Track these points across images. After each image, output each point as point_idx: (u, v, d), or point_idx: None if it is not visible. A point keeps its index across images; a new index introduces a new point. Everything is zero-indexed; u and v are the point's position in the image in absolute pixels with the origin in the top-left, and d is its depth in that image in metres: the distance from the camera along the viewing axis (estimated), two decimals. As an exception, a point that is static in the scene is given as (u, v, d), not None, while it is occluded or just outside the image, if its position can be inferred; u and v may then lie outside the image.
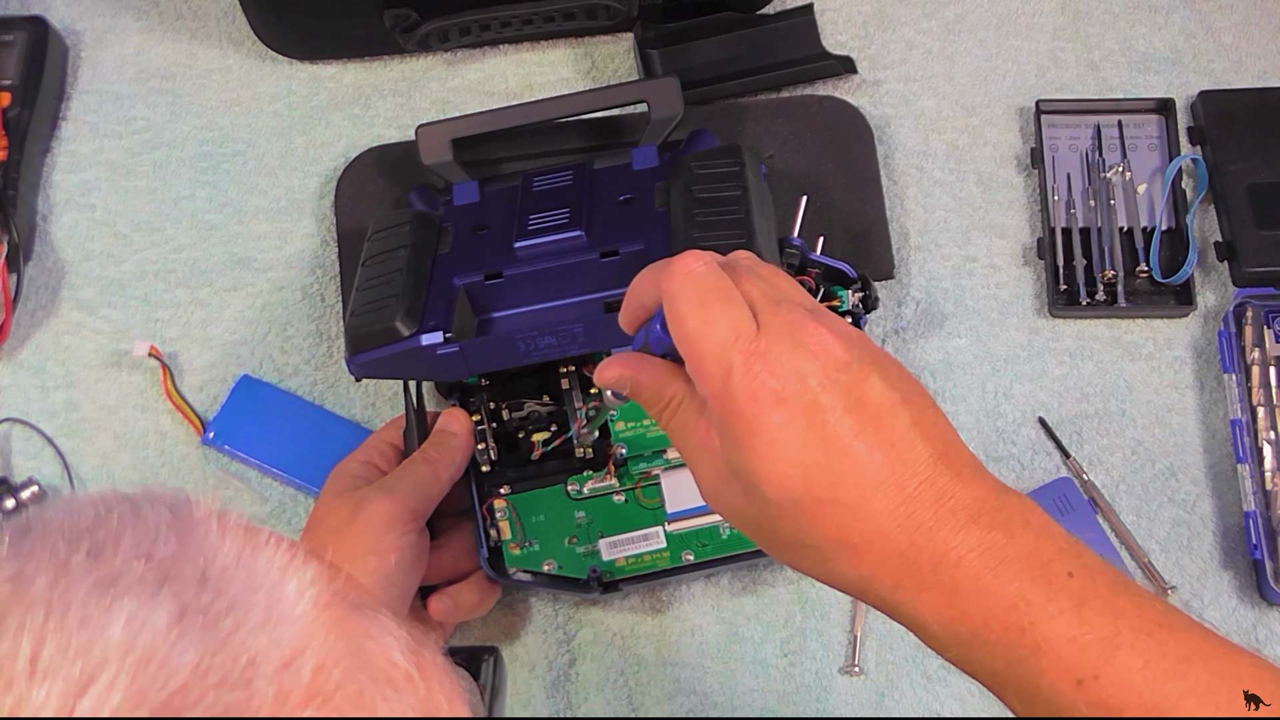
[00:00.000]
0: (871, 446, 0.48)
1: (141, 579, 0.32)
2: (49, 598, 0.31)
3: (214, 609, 0.32)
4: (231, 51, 0.91)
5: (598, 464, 0.74)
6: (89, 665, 0.30)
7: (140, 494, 0.37)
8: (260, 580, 0.34)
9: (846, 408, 0.48)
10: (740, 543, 0.73)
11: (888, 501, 0.47)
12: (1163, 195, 0.84)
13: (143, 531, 0.34)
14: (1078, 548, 0.48)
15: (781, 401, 0.48)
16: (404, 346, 0.69)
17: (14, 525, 0.35)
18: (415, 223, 0.76)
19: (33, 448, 0.80)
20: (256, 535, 0.36)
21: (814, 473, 0.48)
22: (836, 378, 0.48)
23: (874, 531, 0.48)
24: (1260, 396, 0.77)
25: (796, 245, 0.77)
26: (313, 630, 0.33)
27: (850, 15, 0.91)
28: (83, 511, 0.35)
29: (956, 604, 0.47)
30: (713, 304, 0.50)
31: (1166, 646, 0.46)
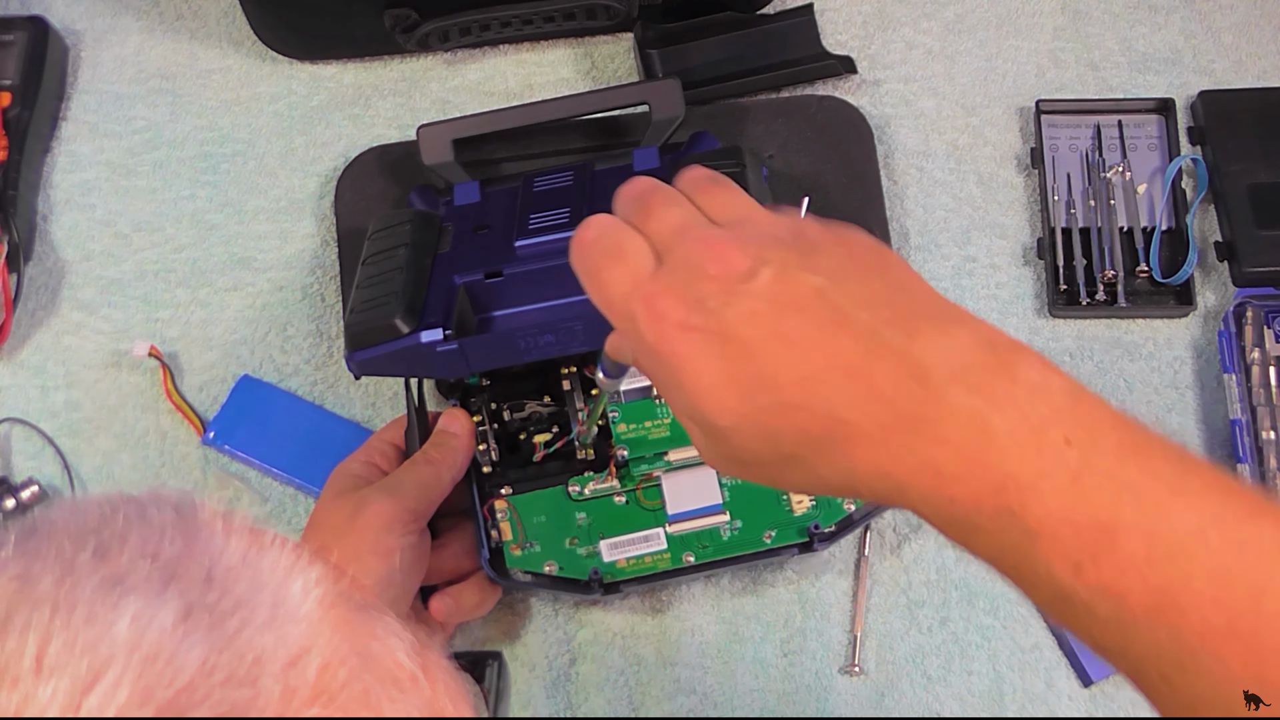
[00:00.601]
0: (799, 338, 0.44)
1: (148, 578, 0.32)
2: (55, 596, 0.31)
3: (220, 608, 0.32)
4: (231, 51, 0.91)
5: (599, 465, 0.74)
6: (95, 662, 0.30)
7: (146, 495, 0.37)
8: (266, 580, 0.34)
9: (758, 312, 0.45)
10: (741, 544, 0.73)
11: (833, 384, 0.44)
12: (1163, 195, 0.84)
13: (148, 532, 0.34)
14: (1079, 404, 0.43)
15: (689, 330, 0.45)
16: (404, 343, 0.69)
17: (20, 525, 0.35)
18: (416, 222, 0.76)
19: (33, 448, 0.80)
20: (261, 536, 0.36)
21: (749, 384, 0.45)
22: (740, 288, 0.45)
23: (835, 420, 0.44)
24: (1260, 396, 0.77)
25: None
26: (318, 630, 0.33)
27: (850, 15, 0.91)
28: (88, 512, 0.35)
29: (942, 487, 0.43)
30: (603, 266, 0.49)
31: (1176, 519, 0.41)
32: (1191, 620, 0.40)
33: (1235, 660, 0.40)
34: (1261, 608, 0.40)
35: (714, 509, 0.73)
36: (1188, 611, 0.40)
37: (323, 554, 0.37)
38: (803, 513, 0.73)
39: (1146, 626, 0.41)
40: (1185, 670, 0.41)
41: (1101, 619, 0.42)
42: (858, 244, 0.48)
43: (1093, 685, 0.73)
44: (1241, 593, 0.40)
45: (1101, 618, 0.42)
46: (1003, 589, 0.76)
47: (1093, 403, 0.43)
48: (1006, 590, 0.76)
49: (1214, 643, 0.40)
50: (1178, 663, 0.41)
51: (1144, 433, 0.43)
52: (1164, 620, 0.40)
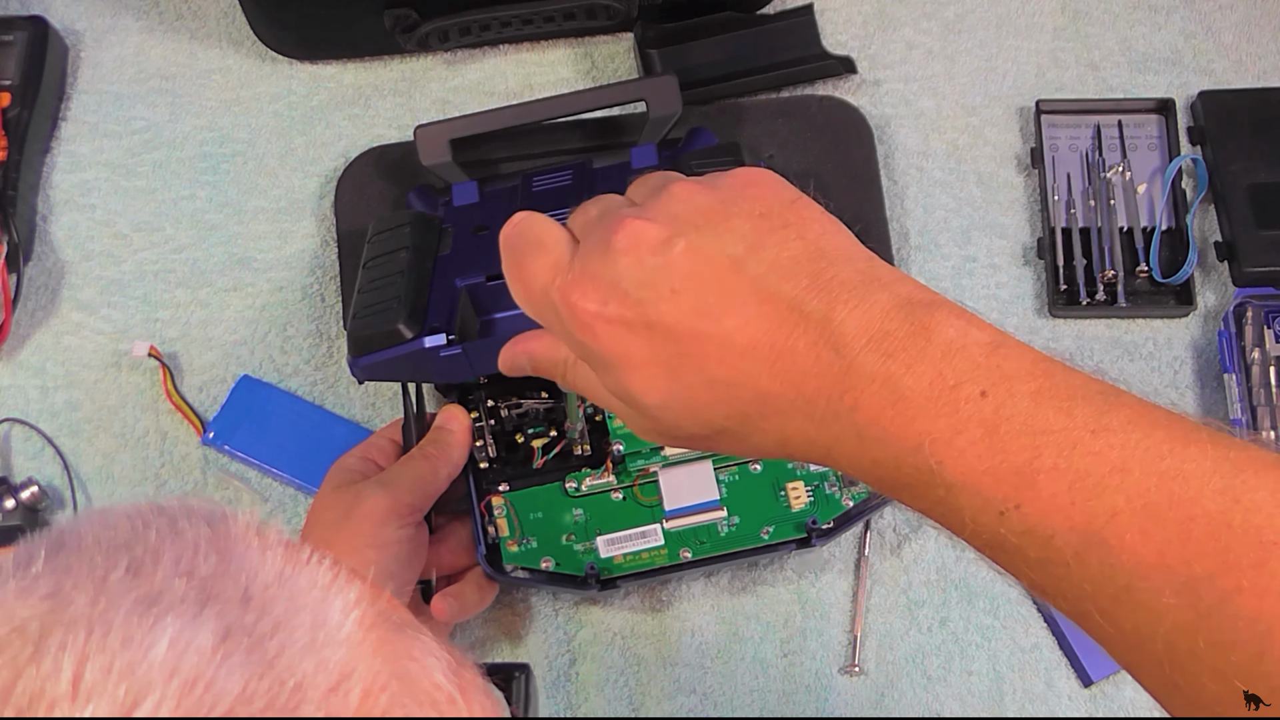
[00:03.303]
0: (720, 314, 0.45)
1: (184, 598, 0.32)
2: (90, 616, 0.31)
3: (258, 630, 0.32)
4: (231, 51, 0.91)
5: (595, 461, 0.74)
6: (134, 687, 0.29)
7: (176, 506, 0.36)
8: (304, 600, 0.33)
9: (676, 290, 0.45)
10: (739, 540, 0.73)
11: (758, 359, 0.44)
12: (1163, 195, 0.84)
13: (182, 547, 0.34)
14: (996, 355, 0.43)
15: (605, 317, 0.46)
16: (407, 349, 0.69)
17: (48, 539, 0.34)
18: (416, 224, 0.76)
19: (33, 448, 0.80)
20: (297, 552, 0.35)
21: (674, 364, 0.45)
22: (652, 263, 0.45)
23: (760, 394, 0.45)
24: (1260, 396, 0.77)
25: None
26: (359, 653, 0.33)
27: (850, 15, 0.91)
28: (118, 525, 0.34)
29: (865, 450, 0.43)
30: (524, 258, 0.49)
31: (1097, 457, 0.41)
32: (1120, 555, 0.40)
33: (1168, 590, 0.40)
34: (1189, 534, 0.39)
35: (711, 505, 0.74)
36: (1114, 546, 0.40)
37: (359, 571, 0.36)
38: (800, 508, 0.73)
39: (1078, 565, 0.41)
40: (1121, 604, 0.40)
41: (1034, 561, 0.42)
42: (775, 200, 0.48)
43: (1093, 685, 0.73)
44: (1170, 523, 0.40)
45: (1034, 560, 0.42)
46: (1003, 589, 0.76)
47: (1012, 352, 0.43)
48: (1006, 590, 0.76)
49: (1145, 574, 0.40)
50: (1113, 597, 0.41)
51: (1065, 375, 0.43)
52: (1094, 558, 0.40)
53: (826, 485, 0.74)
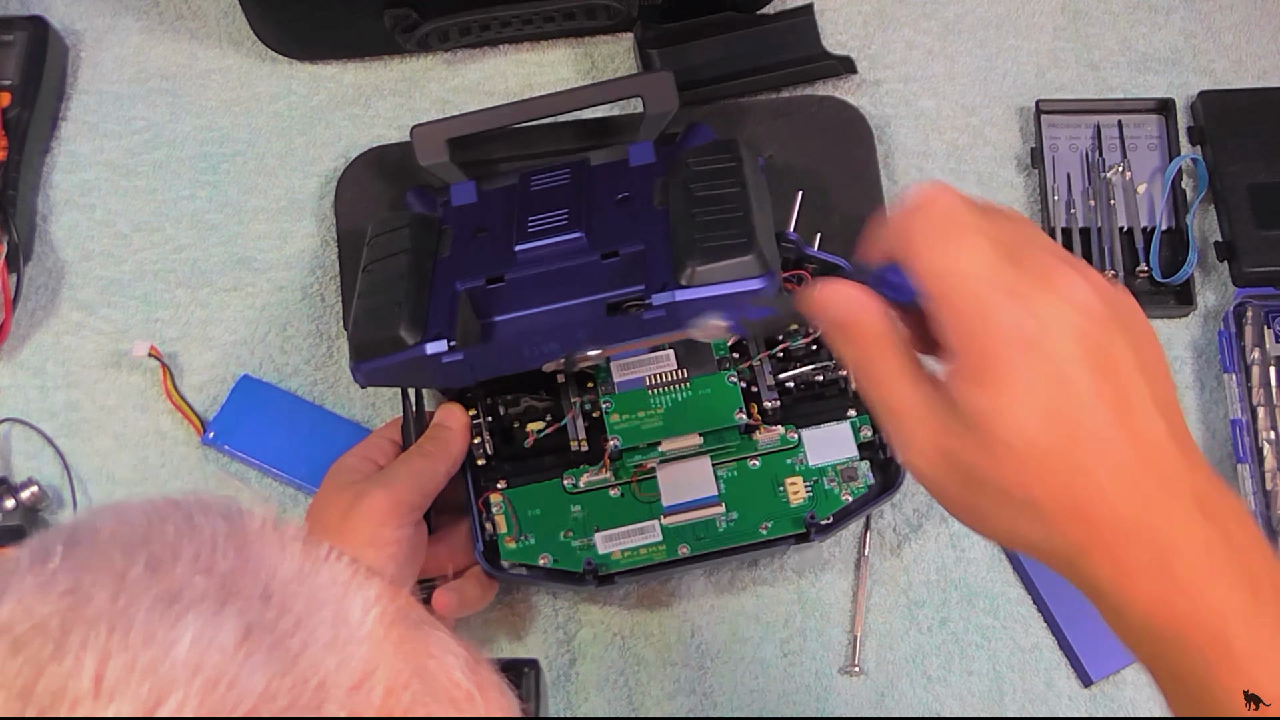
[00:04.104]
0: (1112, 410, 0.44)
1: (204, 595, 0.31)
2: (110, 613, 0.30)
3: (280, 627, 0.31)
4: (231, 51, 0.91)
5: (593, 457, 0.74)
6: (157, 686, 0.29)
7: (191, 501, 0.36)
8: (324, 597, 0.33)
9: (1095, 365, 0.44)
10: (737, 536, 0.73)
11: (1120, 471, 0.44)
12: (1163, 195, 0.84)
13: (200, 543, 0.33)
14: (1276, 563, 0.45)
15: (1034, 345, 0.44)
16: (409, 355, 0.69)
17: (63, 535, 0.34)
18: (415, 226, 0.76)
19: (33, 448, 0.80)
20: (315, 549, 0.35)
21: (1056, 424, 0.44)
22: (1089, 330, 0.44)
23: (1101, 499, 0.44)
24: (1260, 396, 0.77)
25: (792, 240, 0.77)
26: (381, 651, 0.33)
27: (850, 15, 0.91)
28: (134, 520, 0.34)
29: (1168, 598, 0.44)
30: (964, 237, 0.46)
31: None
32: None
33: None
34: None
35: (709, 501, 0.74)
36: None
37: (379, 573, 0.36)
38: (799, 504, 0.73)
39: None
40: None
41: None
42: (1151, 331, 0.48)
43: (1093, 685, 0.73)
44: None
45: None
46: (1002, 589, 0.76)
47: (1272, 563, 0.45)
48: (1006, 590, 0.76)
49: None
50: None
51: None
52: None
53: (825, 480, 0.74)
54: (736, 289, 0.67)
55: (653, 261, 0.70)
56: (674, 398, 0.74)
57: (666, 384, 0.74)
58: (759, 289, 0.68)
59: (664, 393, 0.74)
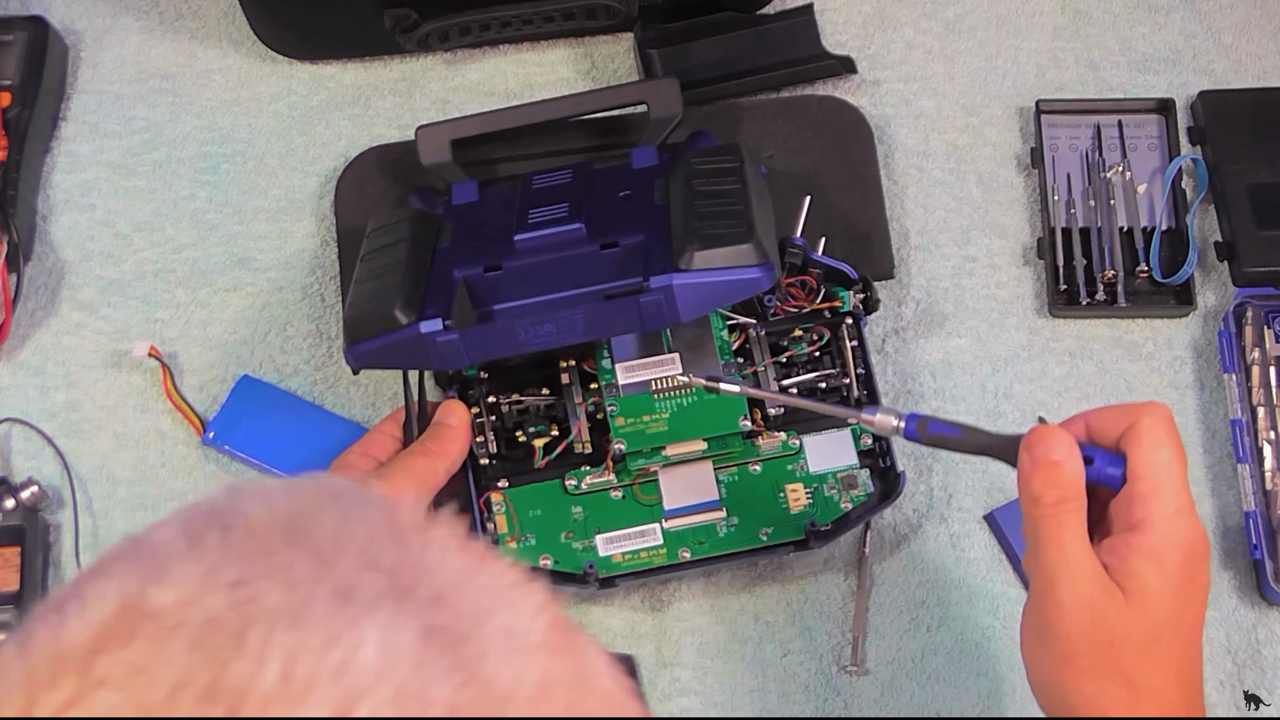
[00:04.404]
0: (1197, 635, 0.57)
1: (379, 594, 0.31)
2: (287, 610, 0.30)
3: (454, 632, 0.31)
4: (231, 51, 0.91)
5: (596, 459, 0.74)
6: (347, 689, 0.28)
7: (336, 487, 0.35)
8: (489, 601, 0.33)
9: (1202, 592, 0.57)
10: (738, 541, 0.73)
11: (1183, 677, 0.56)
12: (1163, 195, 0.84)
13: (357, 534, 0.33)
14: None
15: (1195, 560, 0.56)
16: (403, 335, 0.69)
17: (212, 518, 0.33)
18: (414, 219, 0.76)
19: (33, 448, 0.80)
20: (470, 546, 0.35)
21: (1181, 626, 0.56)
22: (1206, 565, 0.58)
23: (1160, 694, 0.55)
24: (1260, 396, 0.77)
25: (799, 245, 0.77)
26: (555, 663, 0.33)
27: (850, 15, 0.91)
28: (282, 506, 0.34)
29: None
30: (1182, 456, 0.57)
31: None
32: None
33: None
34: None
35: (711, 505, 0.74)
36: None
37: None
38: (799, 510, 0.73)
39: None
40: None
41: None
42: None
43: (1093, 685, 0.73)
44: None
45: None
46: (1002, 589, 0.76)
47: None
48: (1006, 590, 0.76)
49: None
50: None
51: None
52: None
53: (826, 488, 0.74)
54: (734, 276, 0.67)
55: (652, 251, 0.70)
56: (679, 402, 0.74)
57: (672, 389, 0.74)
58: (756, 278, 0.68)
59: (669, 397, 0.74)
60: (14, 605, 0.74)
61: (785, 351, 0.76)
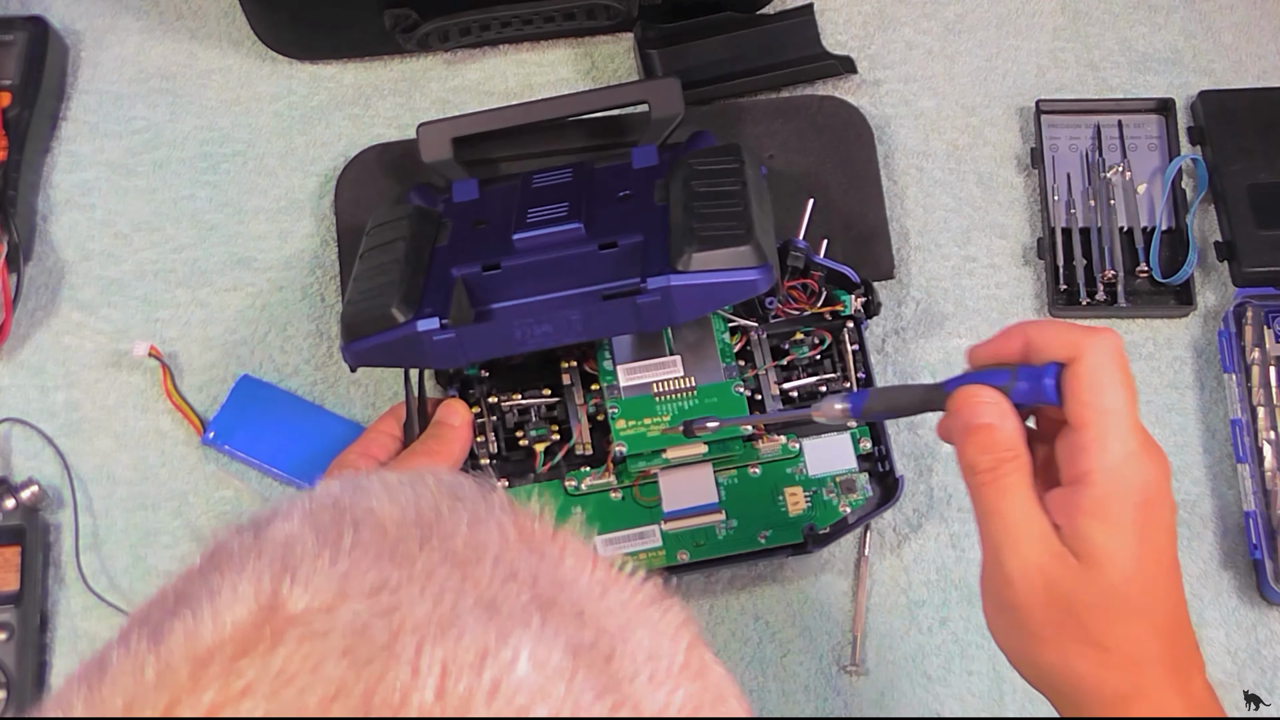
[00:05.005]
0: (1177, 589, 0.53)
1: (524, 607, 0.30)
2: (436, 620, 0.29)
3: (599, 650, 0.30)
4: (231, 51, 0.91)
5: (596, 461, 0.74)
6: (505, 707, 0.28)
7: (460, 486, 0.34)
8: (629, 619, 0.32)
9: (1172, 540, 0.52)
10: (736, 543, 0.73)
11: (1173, 637, 0.52)
12: (1163, 195, 0.84)
13: (493, 541, 0.32)
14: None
15: (1155, 506, 0.51)
16: (400, 333, 0.69)
17: (339, 514, 0.32)
18: (414, 217, 0.76)
19: (33, 448, 0.80)
20: (599, 559, 0.34)
21: (1154, 588, 0.51)
22: (1171, 503, 0.52)
23: (1158, 660, 0.51)
24: (1260, 396, 0.77)
25: (801, 248, 0.77)
26: (696, 685, 0.32)
27: (850, 15, 0.91)
28: (409, 504, 0.33)
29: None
30: (1129, 386, 0.51)
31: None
32: None
33: None
34: None
35: (710, 508, 0.74)
36: None
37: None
38: (798, 514, 0.73)
39: None
40: None
41: None
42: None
43: (1093, 685, 0.73)
44: None
45: None
46: (1003, 589, 0.76)
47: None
48: (1006, 590, 0.76)
49: None
50: None
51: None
52: None
53: (824, 491, 0.74)
54: (732, 278, 0.67)
55: (651, 252, 0.70)
56: (680, 405, 0.74)
57: (673, 392, 0.74)
58: (754, 280, 0.68)
59: (670, 400, 0.74)
60: (14, 605, 0.74)
61: (786, 355, 0.76)
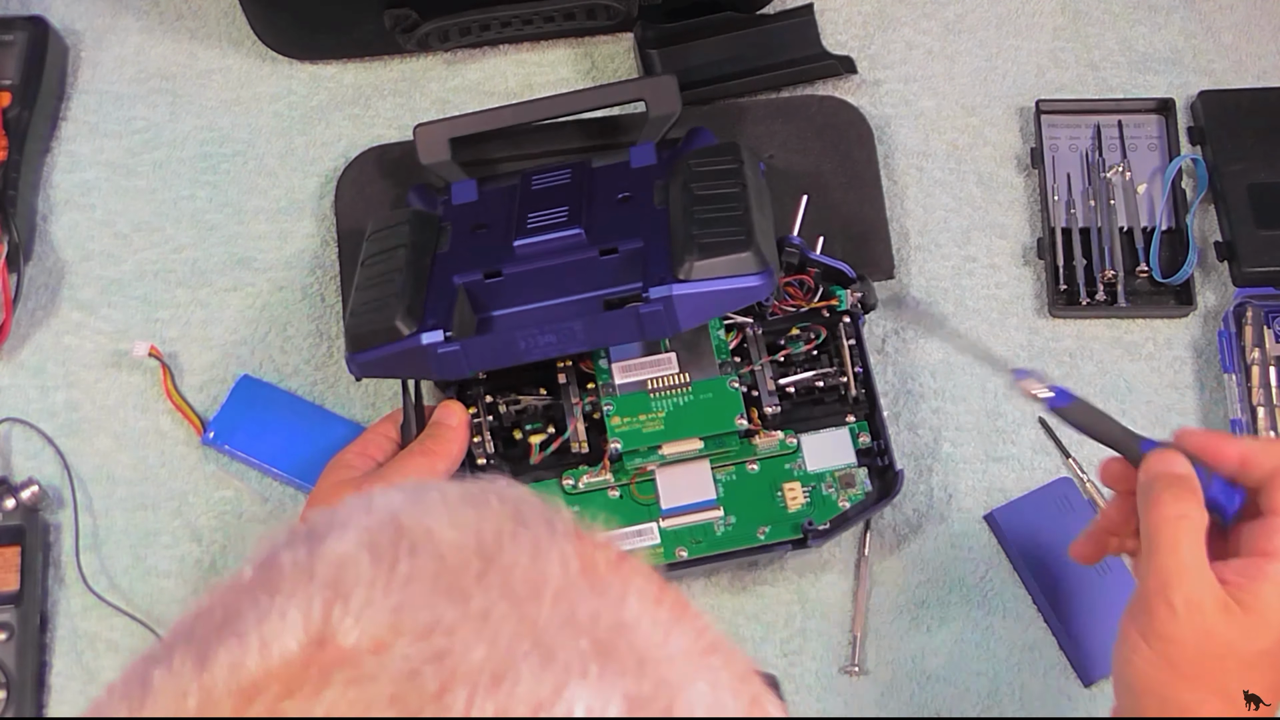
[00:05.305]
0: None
1: (582, 656, 0.29)
2: (489, 665, 0.28)
3: (658, 702, 0.29)
4: (231, 51, 0.91)
5: (593, 459, 0.74)
6: None
7: (516, 503, 0.33)
8: (692, 668, 0.31)
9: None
10: (735, 540, 0.73)
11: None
12: (1163, 195, 0.84)
13: (554, 575, 0.31)
14: None
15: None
16: (404, 346, 0.69)
17: (393, 533, 0.31)
18: (414, 222, 0.76)
19: (33, 448, 0.80)
20: (664, 594, 0.33)
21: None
22: None
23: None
24: (1260, 396, 0.77)
25: (796, 244, 0.77)
26: None
27: (850, 15, 0.91)
28: (470, 526, 0.32)
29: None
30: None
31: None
32: None
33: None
34: None
35: (708, 504, 0.74)
36: None
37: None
38: (797, 510, 0.73)
39: None
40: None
41: None
42: None
43: (1093, 685, 0.73)
44: None
45: None
46: (1002, 589, 0.76)
47: None
48: (1007, 590, 0.76)
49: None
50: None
51: None
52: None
53: (823, 487, 0.74)
54: (733, 285, 0.68)
55: (651, 258, 0.70)
56: (675, 401, 0.74)
57: (668, 388, 0.74)
58: (756, 286, 0.68)
59: (665, 396, 0.74)
60: (14, 605, 0.74)
61: (782, 350, 0.76)
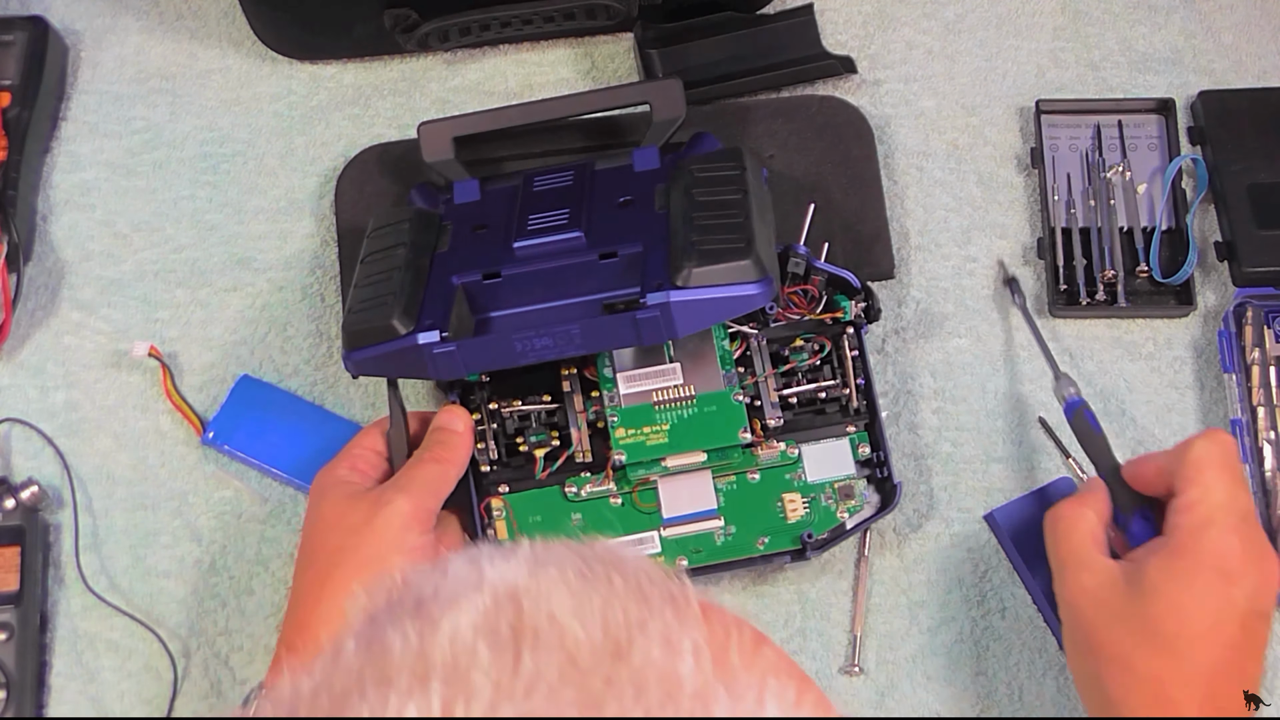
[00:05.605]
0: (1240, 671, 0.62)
1: None
2: None
3: None
4: (231, 51, 0.91)
5: (596, 467, 0.74)
6: None
7: (642, 583, 0.32)
8: None
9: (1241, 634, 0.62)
10: (735, 550, 0.73)
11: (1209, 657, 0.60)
12: (1163, 195, 0.84)
13: (685, 674, 0.30)
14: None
15: (1228, 574, 0.61)
16: (400, 345, 0.69)
17: (515, 617, 0.30)
18: (414, 221, 0.76)
19: (33, 448, 0.80)
20: (806, 688, 0.32)
21: (1193, 618, 0.60)
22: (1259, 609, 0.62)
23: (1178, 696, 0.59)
24: (1260, 396, 0.77)
25: (802, 253, 0.77)
26: None
27: (850, 15, 0.91)
28: (595, 616, 0.31)
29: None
30: (1230, 472, 0.63)
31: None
32: None
33: None
34: None
35: (709, 514, 0.74)
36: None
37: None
38: (797, 520, 0.73)
39: None
40: None
41: None
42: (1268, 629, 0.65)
43: (1093, 685, 0.73)
44: None
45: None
46: (1002, 589, 0.76)
47: None
48: (1006, 590, 0.76)
49: None
50: None
51: None
52: None
53: (823, 498, 0.74)
54: (732, 293, 0.67)
55: (651, 263, 0.70)
56: (680, 414, 0.74)
57: (673, 400, 0.74)
58: (754, 294, 0.68)
59: (670, 409, 0.74)
60: (14, 605, 0.74)
61: (787, 362, 0.76)
